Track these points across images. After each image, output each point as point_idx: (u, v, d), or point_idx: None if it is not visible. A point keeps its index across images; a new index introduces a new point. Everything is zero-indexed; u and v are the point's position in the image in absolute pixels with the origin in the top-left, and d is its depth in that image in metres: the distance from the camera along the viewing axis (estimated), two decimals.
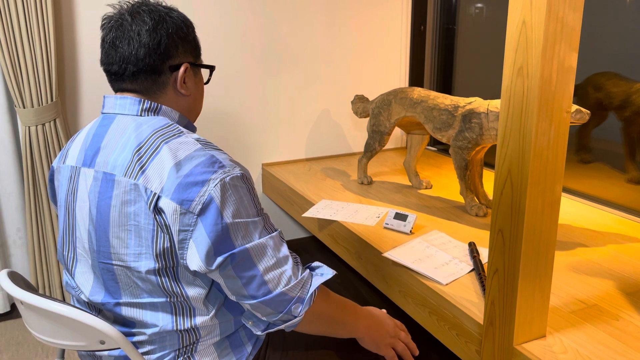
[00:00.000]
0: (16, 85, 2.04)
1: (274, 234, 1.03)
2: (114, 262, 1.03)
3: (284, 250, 1.03)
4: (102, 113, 1.11)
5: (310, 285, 1.05)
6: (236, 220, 0.97)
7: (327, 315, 1.11)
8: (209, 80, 1.24)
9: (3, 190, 2.20)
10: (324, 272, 1.10)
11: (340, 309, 1.14)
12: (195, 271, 1.00)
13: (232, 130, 2.55)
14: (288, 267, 1.02)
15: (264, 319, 1.04)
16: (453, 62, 2.85)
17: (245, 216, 0.98)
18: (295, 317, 1.03)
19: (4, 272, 1.09)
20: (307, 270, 1.07)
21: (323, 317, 1.10)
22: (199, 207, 0.95)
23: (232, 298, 1.02)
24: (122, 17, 1.06)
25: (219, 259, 0.96)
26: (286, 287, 1.00)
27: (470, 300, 1.32)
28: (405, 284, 1.51)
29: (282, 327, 1.04)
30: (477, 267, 1.45)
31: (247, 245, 0.97)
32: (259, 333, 1.05)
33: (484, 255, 1.53)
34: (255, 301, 1.00)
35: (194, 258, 0.97)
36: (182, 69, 1.09)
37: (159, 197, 0.96)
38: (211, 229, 0.95)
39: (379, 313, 1.24)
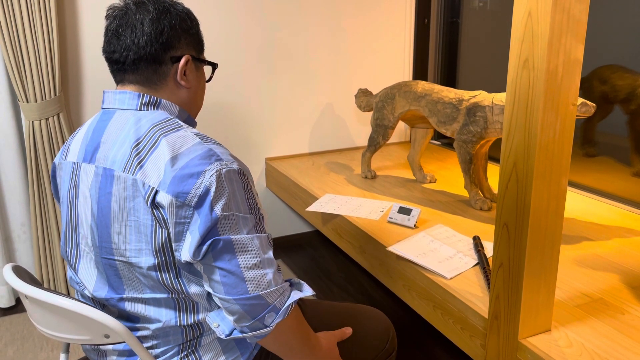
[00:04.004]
0: (19, 79, 2.04)
1: (262, 235, 1.00)
2: (116, 258, 1.03)
3: (270, 253, 1.00)
4: (102, 108, 1.11)
5: (289, 297, 1.01)
6: (225, 213, 0.95)
7: (291, 335, 1.05)
8: (211, 77, 1.23)
9: (7, 184, 2.20)
10: (304, 290, 1.07)
11: (304, 337, 1.09)
12: (187, 262, 0.99)
13: (236, 126, 2.55)
14: (270, 271, 0.99)
15: (233, 324, 1.00)
16: (457, 55, 2.83)
17: (236, 210, 0.97)
18: (266, 327, 0.99)
19: (9, 266, 1.09)
20: (287, 283, 1.04)
21: (285, 337, 1.05)
22: (195, 199, 0.94)
23: (208, 290, 0.99)
24: (127, 6, 1.07)
25: (204, 248, 0.95)
26: (264, 292, 0.97)
27: (475, 294, 1.32)
28: (409, 278, 1.50)
29: (248, 335, 1.00)
30: (482, 261, 1.44)
31: (232, 237, 0.95)
32: (222, 337, 1.01)
33: (489, 249, 1.53)
34: (230, 297, 0.96)
35: (185, 249, 0.96)
36: (183, 61, 1.09)
37: (156, 192, 0.96)
38: (203, 219, 0.95)
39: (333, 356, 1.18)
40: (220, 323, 1.02)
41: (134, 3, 1.07)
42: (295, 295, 1.02)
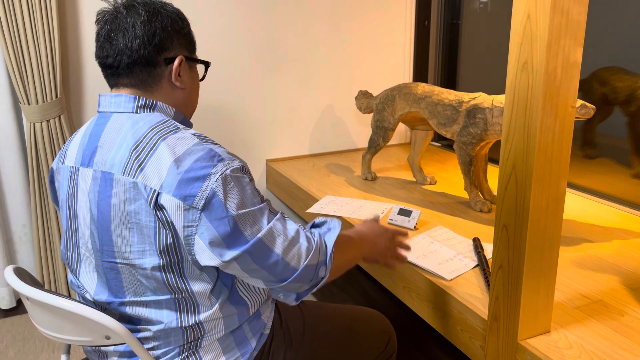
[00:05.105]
0: (21, 82, 2.04)
1: (277, 215, 1.05)
2: (117, 261, 1.03)
3: (292, 225, 1.05)
4: (98, 112, 1.11)
5: (327, 247, 1.08)
6: (241, 212, 0.97)
7: (344, 261, 1.16)
8: (204, 76, 1.24)
9: (8, 186, 2.21)
10: (331, 227, 1.13)
11: (351, 250, 1.19)
12: (205, 266, 1.00)
13: (236, 127, 2.56)
14: (302, 240, 1.04)
15: (295, 292, 1.07)
16: (457, 57, 2.84)
17: (251, 205, 0.99)
18: (323, 278, 1.08)
19: (10, 267, 1.09)
20: (317, 233, 1.09)
21: (341, 265, 1.15)
22: (202, 202, 0.95)
23: (262, 286, 1.05)
24: (117, 10, 1.07)
25: (234, 252, 0.97)
26: (308, 259, 1.03)
27: (475, 296, 1.32)
28: (409, 280, 1.51)
29: (313, 291, 1.08)
30: (482, 262, 1.45)
31: (259, 235, 0.99)
32: (293, 304, 1.09)
33: (489, 250, 1.53)
34: (286, 282, 1.03)
35: (204, 253, 0.97)
36: (176, 62, 1.09)
37: (159, 194, 0.96)
38: (218, 223, 0.95)
39: (376, 231, 1.29)
40: (284, 294, 1.08)
41: (124, 6, 1.07)
42: (330, 241, 1.09)
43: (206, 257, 0.98)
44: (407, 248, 1.35)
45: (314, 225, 1.17)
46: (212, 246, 0.96)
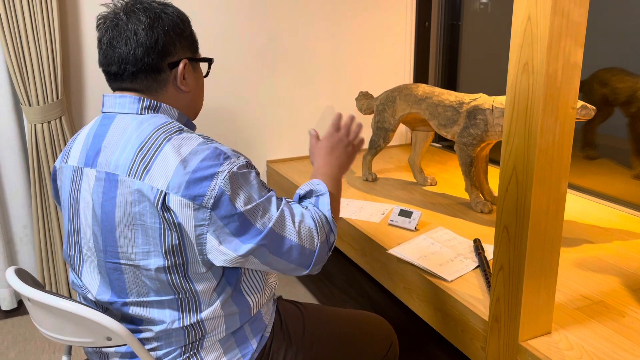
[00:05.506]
0: (22, 83, 2.05)
1: (283, 202, 1.06)
2: (122, 262, 1.03)
3: (297, 208, 1.07)
4: (102, 112, 1.11)
5: (326, 217, 1.11)
6: (249, 206, 0.99)
7: (340, 212, 1.22)
8: (207, 73, 1.23)
9: (9, 187, 2.21)
10: (319, 193, 1.15)
11: (338, 199, 1.21)
12: (213, 264, 1.02)
13: (237, 128, 2.56)
14: (308, 219, 1.07)
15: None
16: (458, 58, 2.84)
17: (258, 198, 1.01)
18: (334, 240, 1.13)
19: (11, 269, 1.09)
20: (311, 207, 1.11)
21: (339, 217, 1.21)
22: (212, 201, 0.96)
23: (286, 274, 1.08)
24: (117, 16, 1.05)
25: (249, 245, 0.99)
26: (319, 237, 1.06)
27: (476, 297, 1.32)
28: (410, 281, 1.51)
29: (329, 254, 1.12)
30: (482, 263, 1.45)
31: (271, 225, 1.00)
32: (315, 273, 1.12)
33: (489, 251, 1.53)
34: (311, 267, 1.06)
35: (217, 251, 0.98)
36: (181, 66, 1.08)
37: (166, 195, 0.96)
38: (228, 220, 0.97)
39: (328, 149, 1.25)
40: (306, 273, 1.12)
41: (124, 12, 1.05)
42: (327, 210, 1.12)
43: (220, 254, 0.99)
44: (357, 123, 1.30)
45: (301, 198, 1.18)
46: (225, 243, 0.98)
